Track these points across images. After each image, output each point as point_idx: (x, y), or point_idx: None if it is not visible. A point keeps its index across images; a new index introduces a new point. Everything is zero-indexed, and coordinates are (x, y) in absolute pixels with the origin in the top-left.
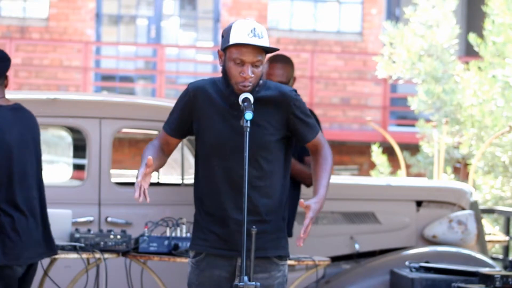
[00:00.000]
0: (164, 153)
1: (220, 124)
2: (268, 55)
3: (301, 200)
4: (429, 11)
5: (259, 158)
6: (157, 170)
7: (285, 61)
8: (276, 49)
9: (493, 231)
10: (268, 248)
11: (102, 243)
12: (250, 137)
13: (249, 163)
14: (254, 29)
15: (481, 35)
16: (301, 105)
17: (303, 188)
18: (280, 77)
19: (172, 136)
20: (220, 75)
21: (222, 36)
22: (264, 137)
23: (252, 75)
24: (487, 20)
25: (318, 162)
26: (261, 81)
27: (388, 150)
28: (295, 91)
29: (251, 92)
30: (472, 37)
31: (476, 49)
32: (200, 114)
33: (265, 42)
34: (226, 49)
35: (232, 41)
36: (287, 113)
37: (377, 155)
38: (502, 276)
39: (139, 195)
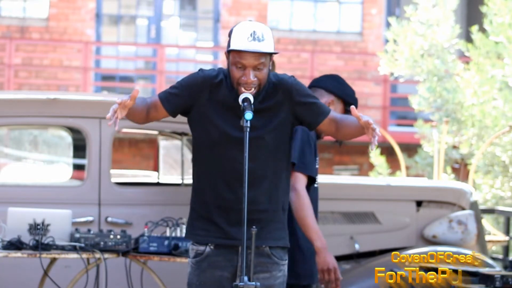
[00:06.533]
0: (148, 113)
1: (223, 116)
2: None
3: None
4: (430, 10)
5: (258, 150)
6: (130, 116)
7: None
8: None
9: (493, 231)
10: (268, 239)
11: (102, 243)
12: (251, 133)
13: (248, 154)
14: (254, 32)
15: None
16: (301, 89)
17: None
18: None
19: (162, 104)
20: None
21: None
22: (264, 134)
23: (255, 79)
24: (485, 20)
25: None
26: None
27: (388, 150)
28: (293, 77)
29: (256, 96)
30: (469, 38)
31: (471, 51)
32: (203, 103)
33: (266, 45)
34: (229, 53)
35: (232, 46)
36: (291, 105)
37: (374, 156)
38: (502, 276)
39: (112, 117)
